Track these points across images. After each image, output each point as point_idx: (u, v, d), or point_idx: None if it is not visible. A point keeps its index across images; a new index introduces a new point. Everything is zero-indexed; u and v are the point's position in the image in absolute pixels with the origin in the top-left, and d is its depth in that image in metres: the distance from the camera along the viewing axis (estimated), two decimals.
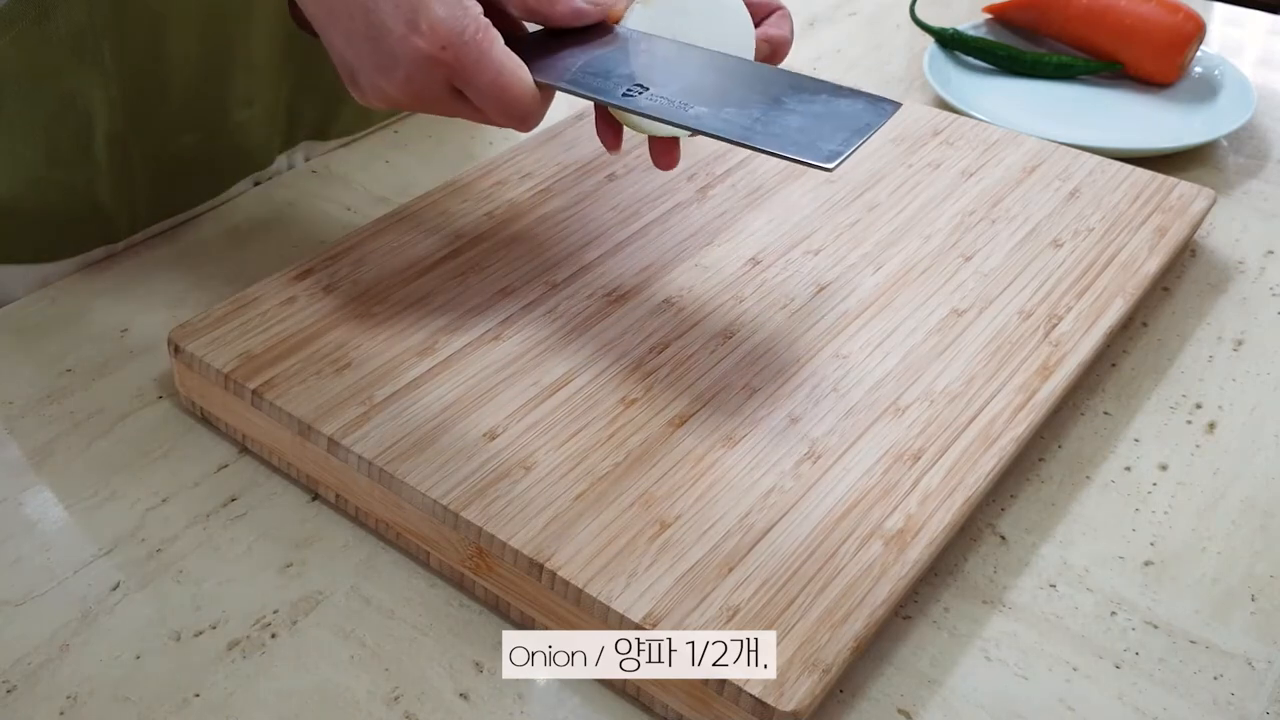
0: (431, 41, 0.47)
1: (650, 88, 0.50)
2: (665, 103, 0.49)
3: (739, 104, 0.49)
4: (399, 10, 0.47)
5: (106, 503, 0.55)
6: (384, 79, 0.49)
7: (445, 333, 0.59)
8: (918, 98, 0.89)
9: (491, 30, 0.49)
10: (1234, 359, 0.65)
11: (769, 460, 0.52)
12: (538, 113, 0.51)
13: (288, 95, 0.75)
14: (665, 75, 0.51)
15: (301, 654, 0.49)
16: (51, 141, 0.66)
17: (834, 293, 0.63)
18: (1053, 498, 0.56)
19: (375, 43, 0.48)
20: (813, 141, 0.47)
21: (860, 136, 0.47)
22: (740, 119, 0.48)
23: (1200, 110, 0.88)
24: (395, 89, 0.49)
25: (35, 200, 0.67)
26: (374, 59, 0.49)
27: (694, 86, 0.50)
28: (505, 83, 0.49)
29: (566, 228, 0.67)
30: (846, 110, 0.48)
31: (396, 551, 0.53)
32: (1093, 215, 0.69)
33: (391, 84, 0.49)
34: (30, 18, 0.62)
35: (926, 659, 0.49)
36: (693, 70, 0.51)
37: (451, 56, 0.48)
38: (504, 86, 0.49)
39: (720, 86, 0.50)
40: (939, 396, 0.56)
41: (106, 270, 0.70)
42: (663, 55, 0.52)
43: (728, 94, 0.50)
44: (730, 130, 0.48)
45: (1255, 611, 0.51)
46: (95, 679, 0.48)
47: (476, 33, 0.48)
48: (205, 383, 0.57)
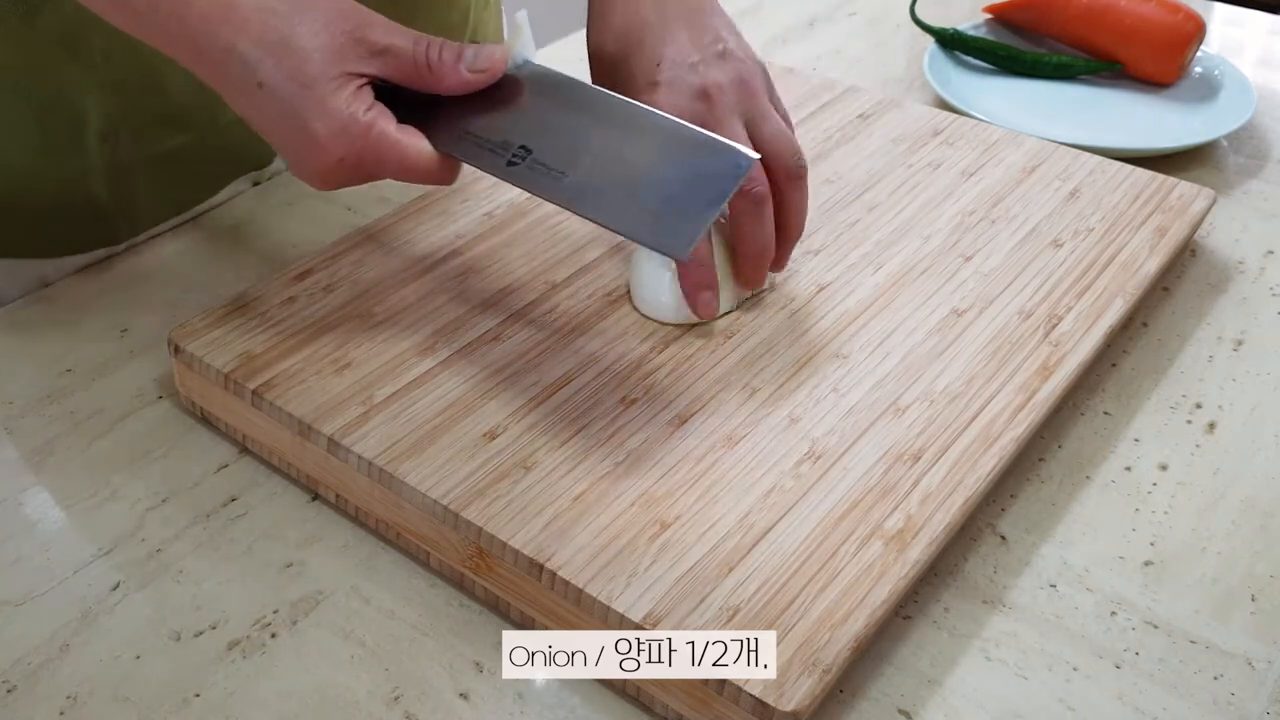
0: (329, 156, 0.51)
1: (533, 150, 0.53)
2: (542, 172, 0.53)
3: (613, 167, 0.53)
4: (295, 138, 0.51)
5: (106, 503, 0.55)
6: (315, 181, 0.54)
7: (445, 333, 0.59)
8: (918, 98, 0.89)
9: (378, 120, 0.52)
10: (1234, 359, 0.65)
11: (769, 460, 0.52)
12: (450, 173, 0.55)
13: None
14: (548, 132, 0.54)
15: (301, 654, 0.49)
16: (44, 136, 0.66)
17: (834, 293, 0.63)
18: (1053, 498, 0.56)
19: (296, 156, 0.53)
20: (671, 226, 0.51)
21: (713, 209, 0.51)
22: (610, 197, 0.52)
23: (1200, 110, 0.88)
24: (321, 185, 0.54)
25: (31, 195, 0.67)
26: (299, 169, 0.54)
27: (574, 145, 0.54)
28: (409, 162, 0.53)
29: (566, 228, 0.67)
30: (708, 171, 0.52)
31: (396, 551, 0.53)
32: (1093, 215, 0.69)
33: (322, 184, 0.54)
34: (19, 13, 0.62)
35: (926, 659, 0.49)
36: (573, 121, 0.55)
37: (354, 160, 0.52)
38: (408, 165, 0.53)
39: (600, 143, 0.54)
40: (939, 396, 0.56)
41: (106, 270, 0.70)
42: (548, 103, 0.55)
43: (605, 152, 0.53)
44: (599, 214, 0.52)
45: (1255, 611, 0.51)
46: (95, 679, 0.48)
47: (367, 133, 0.51)
48: (205, 383, 0.57)
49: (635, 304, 0.61)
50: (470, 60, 0.53)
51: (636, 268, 0.61)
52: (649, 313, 0.60)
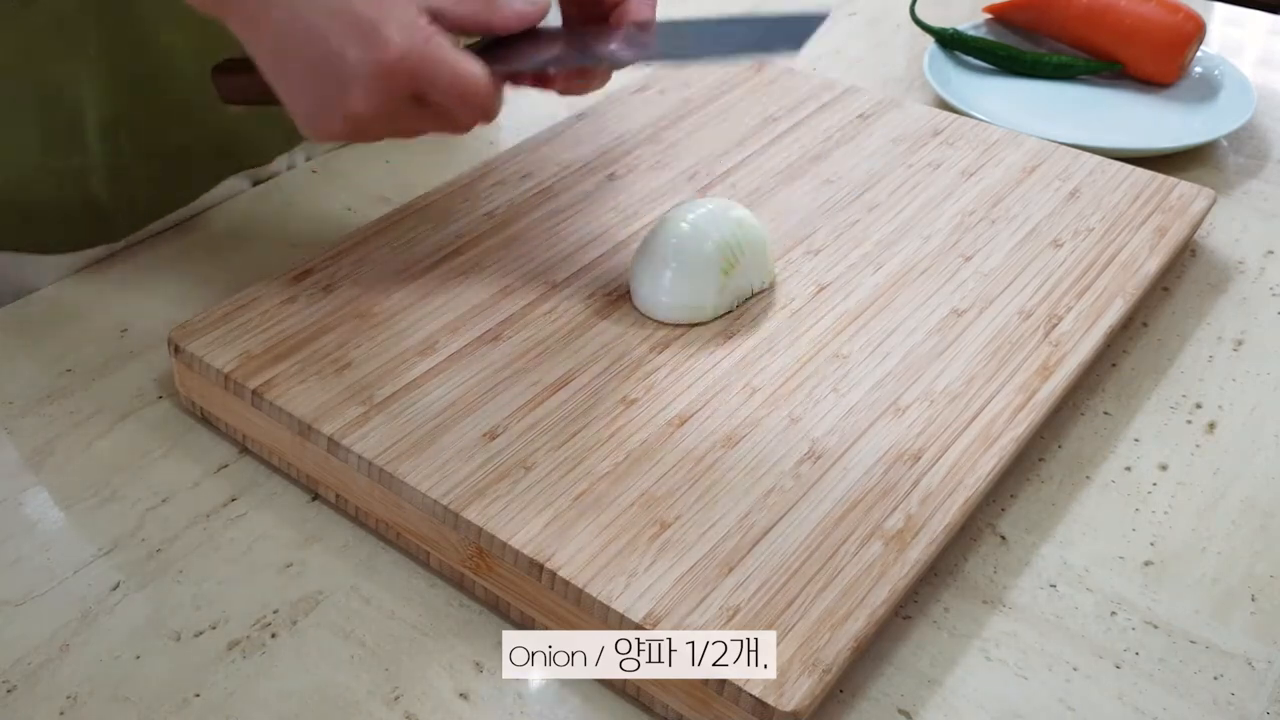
0: (389, 53, 0.50)
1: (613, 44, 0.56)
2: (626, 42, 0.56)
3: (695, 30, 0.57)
4: (351, 33, 0.50)
5: (106, 503, 0.55)
6: (345, 103, 0.51)
7: (445, 333, 0.59)
8: (918, 98, 0.89)
9: (441, 35, 0.51)
10: (1234, 359, 0.65)
11: (769, 460, 0.52)
12: (496, 102, 0.54)
13: None
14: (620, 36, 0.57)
15: (301, 654, 0.49)
16: (43, 130, 0.66)
17: (834, 293, 0.63)
18: (1053, 498, 0.56)
19: (333, 69, 0.51)
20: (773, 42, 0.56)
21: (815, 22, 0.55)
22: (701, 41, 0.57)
23: (1200, 110, 0.88)
24: (359, 107, 0.51)
25: (30, 189, 0.67)
26: (334, 85, 0.51)
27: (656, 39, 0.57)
28: (463, 77, 0.51)
29: (566, 228, 0.67)
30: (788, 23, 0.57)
31: (396, 551, 0.53)
32: (1093, 215, 0.69)
33: (354, 104, 0.51)
34: (14, 3, 0.62)
35: (926, 659, 0.49)
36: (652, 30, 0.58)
37: (411, 64, 0.50)
38: (462, 80, 0.51)
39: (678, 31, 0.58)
40: (939, 396, 0.56)
41: (106, 270, 0.70)
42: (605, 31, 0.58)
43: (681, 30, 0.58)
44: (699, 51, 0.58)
45: (1255, 611, 0.51)
46: (95, 679, 0.48)
47: (428, 40, 0.51)
48: (205, 383, 0.57)
49: (635, 304, 0.61)
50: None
51: (637, 267, 0.61)
52: (649, 312, 0.60)
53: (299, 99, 0.53)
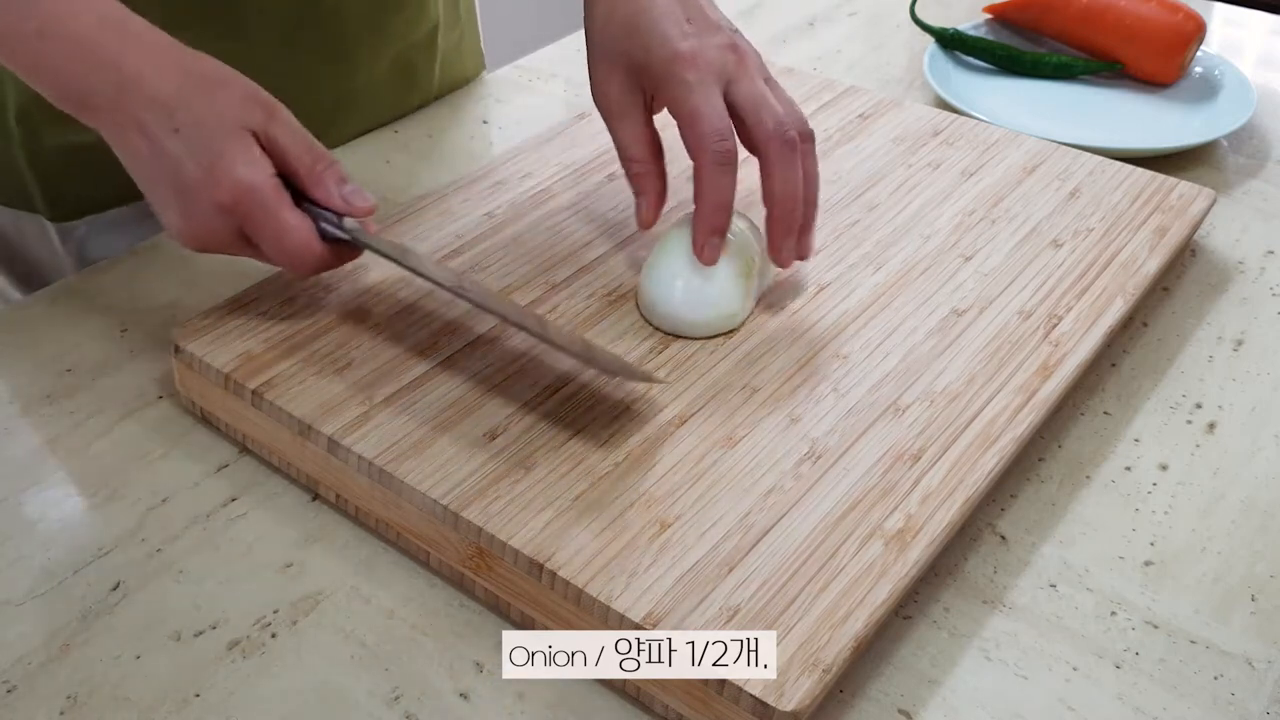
0: (226, 194, 0.54)
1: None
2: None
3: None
4: (199, 167, 0.54)
5: (106, 503, 0.55)
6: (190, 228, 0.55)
7: (445, 333, 0.59)
8: (918, 98, 0.89)
9: (282, 191, 0.55)
10: (1234, 359, 0.65)
11: (769, 460, 0.52)
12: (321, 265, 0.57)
13: (285, 98, 0.75)
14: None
15: (301, 654, 0.49)
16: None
17: (834, 293, 0.63)
18: (1053, 498, 0.56)
19: (182, 194, 0.54)
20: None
21: None
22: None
23: (1200, 110, 0.88)
24: (201, 232, 0.55)
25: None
26: (179, 206, 0.55)
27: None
28: (288, 241, 0.55)
29: (566, 228, 0.67)
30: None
31: (396, 551, 0.53)
32: (1093, 215, 0.69)
33: (197, 229, 0.55)
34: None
35: (926, 659, 0.49)
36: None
37: (243, 210, 0.54)
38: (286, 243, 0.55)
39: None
40: (939, 396, 0.56)
41: (106, 270, 0.70)
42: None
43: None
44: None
45: (1255, 611, 0.51)
46: (95, 679, 0.48)
47: (268, 193, 0.54)
48: (205, 383, 0.57)
49: (644, 313, 0.60)
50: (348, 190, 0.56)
51: (646, 276, 0.60)
52: (659, 324, 0.60)
53: (161, 211, 0.56)
